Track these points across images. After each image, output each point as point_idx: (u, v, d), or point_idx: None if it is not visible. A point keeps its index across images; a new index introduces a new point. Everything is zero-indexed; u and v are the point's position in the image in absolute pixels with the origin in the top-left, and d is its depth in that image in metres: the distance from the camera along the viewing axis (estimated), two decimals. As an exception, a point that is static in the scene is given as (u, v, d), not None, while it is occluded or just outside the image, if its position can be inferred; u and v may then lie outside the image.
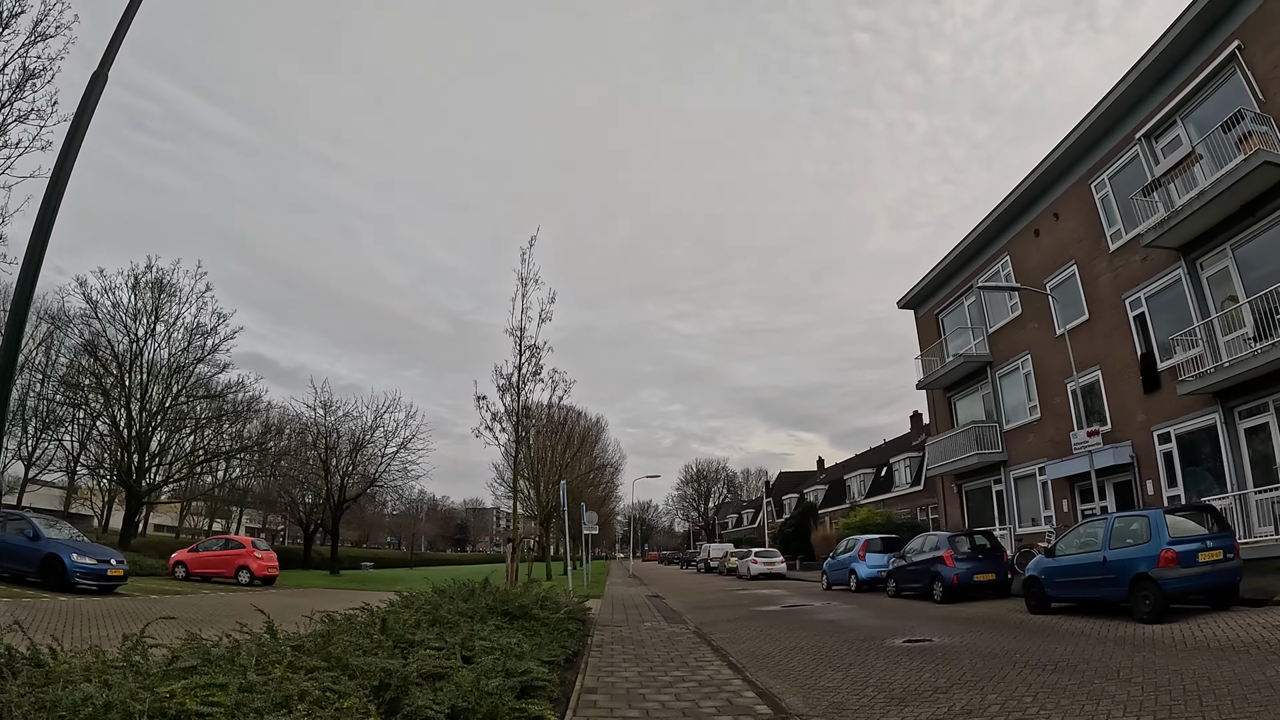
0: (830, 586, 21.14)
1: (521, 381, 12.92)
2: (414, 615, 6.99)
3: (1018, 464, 21.28)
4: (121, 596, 14.80)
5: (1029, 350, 21.15)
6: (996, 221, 22.54)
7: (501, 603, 9.05)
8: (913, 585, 16.13)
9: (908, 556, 16.62)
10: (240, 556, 22.15)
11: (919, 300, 27.14)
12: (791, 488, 63.67)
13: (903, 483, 37.64)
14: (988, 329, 23.04)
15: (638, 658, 8.54)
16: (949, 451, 23.19)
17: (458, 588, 10.06)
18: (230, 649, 4.49)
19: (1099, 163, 19.09)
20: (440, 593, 9.68)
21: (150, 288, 28.30)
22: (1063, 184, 20.39)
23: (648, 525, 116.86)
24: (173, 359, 28.67)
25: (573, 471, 32.61)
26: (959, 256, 24.44)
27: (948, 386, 24.89)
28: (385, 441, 33.77)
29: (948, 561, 14.78)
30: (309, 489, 34.93)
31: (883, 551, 19.46)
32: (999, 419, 22.12)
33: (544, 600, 9.49)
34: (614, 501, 52.72)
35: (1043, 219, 21.24)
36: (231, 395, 31.08)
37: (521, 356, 12.96)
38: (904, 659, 8.42)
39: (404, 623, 6.67)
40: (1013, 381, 21.91)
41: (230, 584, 21.63)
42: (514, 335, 13.07)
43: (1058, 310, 20.18)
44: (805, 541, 37.72)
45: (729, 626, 12.79)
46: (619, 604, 17.68)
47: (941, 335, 25.55)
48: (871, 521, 28.80)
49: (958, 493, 24.12)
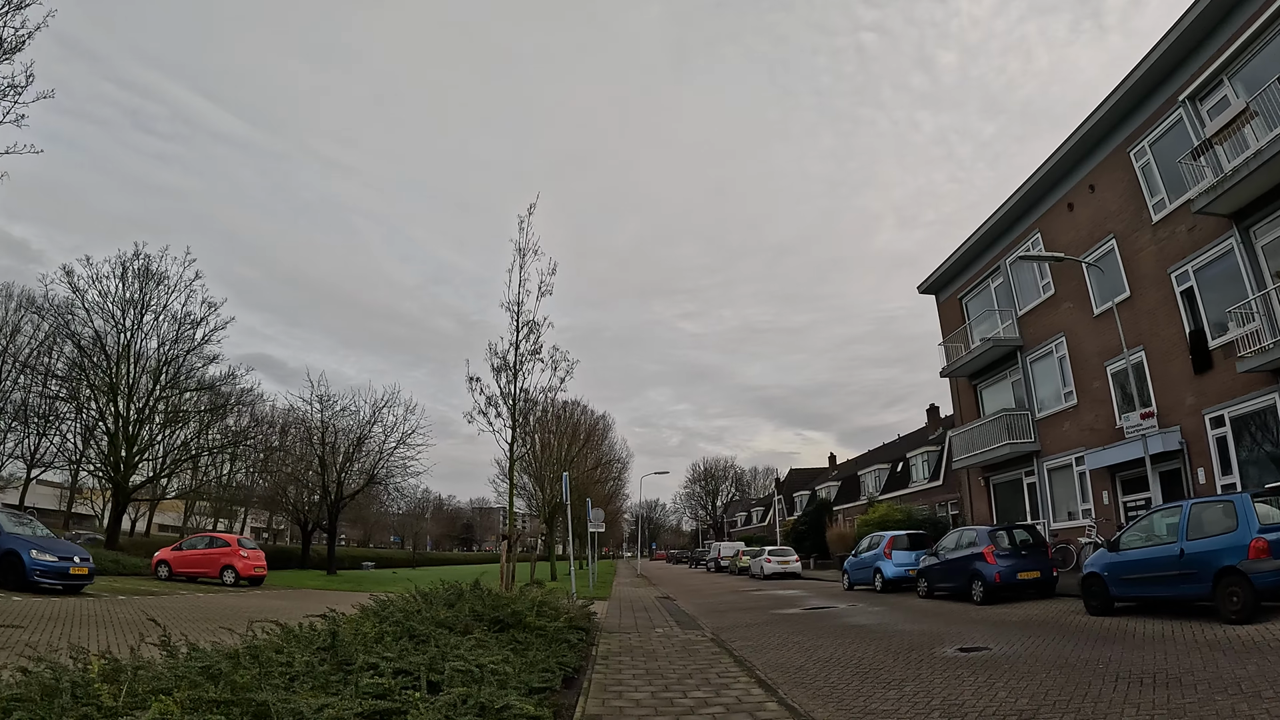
0: (852, 586, 19.81)
1: (519, 361, 11.67)
2: (378, 627, 5.72)
3: (1052, 454, 19.90)
4: (86, 597, 13.67)
5: (1064, 332, 19.77)
6: (1026, 197, 21.17)
7: (491, 609, 7.79)
8: (947, 585, 14.80)
9: (940, 554, 15.30)
10: (225, 555, 20.99)
11: (941, 284, 25.77)
12: (802, 485, 62.28)
13: (920, 478, 36.22)
14: (1017, 311, 21.66)
15: (650, 673, 7.26)
16: (976, 442, 21.82)
17: (442, 591, 8.81)
18: (80, 677, 3.23)
19: (1138, 129, 17.72)
20: (423, 596, 8.43)
21: (137, 276, 27.22)
22: (1099, 153, 19.02)
23: (655, 524, 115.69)
24: (161, 350, 27.57)
25: (579, 467, 31.35)
26: (984, 236, 23.06)
27: (973, 374, 23.52)
28: (384, 437, 32.61)
29: (988, 558, 13.44)
30: (305, 486, 33.76)
31: (909, 549, 18.14)
32: (1031, 407, 20.75)
33: (541, 606, 8.22)
34: (621, 499, 51.48)
35: (1077, 192, 19.87)
36: (222, 387, 29.91)
37: (519, 334, 11.74)
38: (964, 673, 7.12)
39: (363, 637, 5.41)
40: (1046, 366, 20.53)
41: (215, 584, 20.51)
42: (510, 310, 11.84)
43: (1095, 288, 18.85)
44: (820, 539, 36.38)
45: (750, 633, 11.50)
46: (627, 607, 16.40)
47: (966, 320, 24.19)
48: (891, 518, 27.46)
49: (985, 486, 22.74)
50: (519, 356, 11.72)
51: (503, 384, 11.65)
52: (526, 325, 11.77)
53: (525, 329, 11.78)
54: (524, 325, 11.79)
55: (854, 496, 43.96)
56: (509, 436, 11.65)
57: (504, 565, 10.32)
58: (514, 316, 11.83)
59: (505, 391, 11.62)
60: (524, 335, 11.77)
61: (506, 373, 11.67)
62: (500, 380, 11.67)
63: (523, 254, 12.18)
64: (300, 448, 34.74)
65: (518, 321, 11.80)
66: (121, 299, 27.22)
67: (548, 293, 11.99)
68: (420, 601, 7.60)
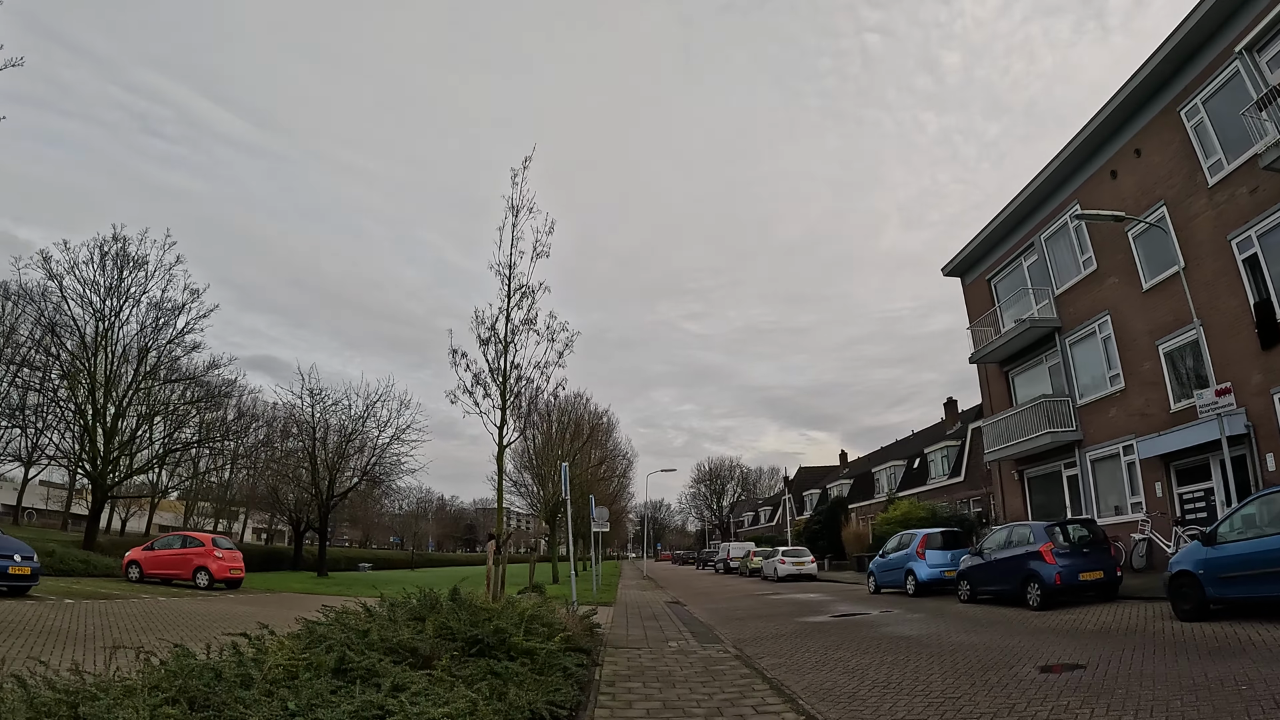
0: (879, 589, 18.18)
1: (510, 332, 10.10)
2: (294, 659, 4.13)
3: (1096, 443, 18.26)
4: (27, 600, 12.20)
5: (1108, 310, 18.14)
6: (1063, 167, 19.54)
7: (468, 626, 6.20)
8: (994, 588, 13.18)
9: (986, 553, 13.68)
10: (198, 556, 19.46)
11: (966, 266, 24.13)
12: (812, 483, 60.59)
13: (939, 474, 34.56)
14: (1054, 290, 20.03)
15: (669, 707, 5.68)
16: (1010, 433, 20.18)
17: (414, 601, 7.24)
18: None
19: (1190, 85, 16.14)
20: (383, 610, 6.86)
21: (114, 260, 25.75)
22: (1145, 115, 17.41)
23: (660, 524, 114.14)
24: (140, 338, 26.12)
25: (581, 464, 29.78)
26: (1016, 212, 21.43)
27: (1005, 360, 21.87)
28: (377, 432, 31.03)
29: (1047, 557, 11.82)
30: (296, 484, 32.28)
31: (943, 548, 16.52)
32: (1071, 393, 19.11)
33: (531, 621, 6.64)
34: (626, 499, 49.84)
35: (1120, 158, 18.25)
36: (205, 378, 28.41)
37: (510, 300, 10.18)
38: (1071, 702, 5.53)
39: (275, 672, 3.82)
40: (1088, 348, 18.89)
41: (187, 587, 19.06)
42: (500, 274, 10.29)
43: (1143, 260, 17.26)
44: (835, 539, 34.73)
45: (779, 647, 9.90)
46: (635, 613, 14.83)
47: (995, 303, 22.55)
48: (913, 515, 25.84)
49: (1018, 480, 21.10)
50: (510, 326, 10.16)
51: (491, 358, 10.10)
52: (519, 290, 10.22)
53: (518, 294, 10.23)
54: (516, 290, 10.23)
55: (868, 494, 42.31)
56: (498, 419, 10.08)
57: (491, 569, 8.75)
58: (504, 281, 10.27)
59: (494, 366, 10.06)
60: (516, 302, 10.23)
61: (496, 345, 10.10)
62: (488, 354, 10.11)
63: (516, 211, 10.63)
64: (290, 444, 33.22)
65: (509, 286, 10.25)
66: (99, 284, 25.82)
67: (544, 254, 10.43)
68: (371, 618, 6.01)
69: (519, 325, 10.14)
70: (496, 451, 9.97)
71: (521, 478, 30.55)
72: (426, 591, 7.81)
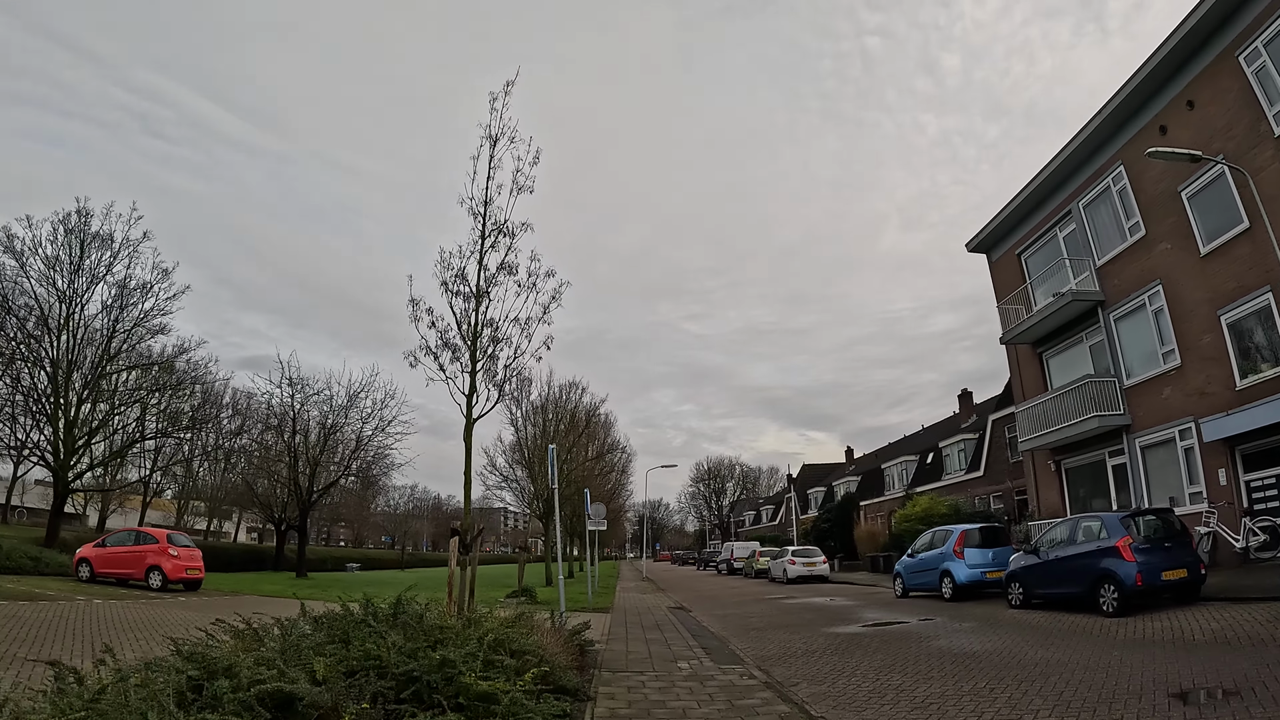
0: (907, 593, 16.33)
1: (484, 279, 8.21)
2: None
3: (1147, 428, 16.43)
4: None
5: (1159, 280, 16.31)
6: (1104, 126, 17.71)
7: (405, 657, 4.33)
8: (1056, 590, 11.34)
9: (1043, 551, 11.84)
10: (151, 554, 17.58)
11: (994, 240, 22.28)
12: (816, 481, 58.73)
13: (955, 469, 32.72)
14: (1095, 261, 18.19)
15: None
16: (1048, 419, 18.34)
17: (343, 618, 5.39)
18: None
19: (1248, 28, 14.39)
20: (314, 621, 5.02)
21: (75, 234, 23.90)
22: (1197, 63, 15.62)
23: (658, 524, 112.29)
24: (102, 317, 24.28)
25: (576, 458, 27.92)
26: (1049, 179, 19.60)
27: (1039, 340, 20.03)
28: (360, 424, 29.08)
29: (1124, 554, 9.99)
30: (275, 479, 30.38)
31: (982, 546, 14.68)
32: (1118, 372, 17.28)
33: (495, 647, 4.77)
34: (624, 497, 47.92)
35: (1170, 112, 16.43)
36: (173, 363, 26.50)
37: (485, 241, 8.29)
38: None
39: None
40: (1136, 323, 17.06)
41: (140, 588, 17.30)
42: (474, 211, 8.37)
43: (1199, 222, 15.44)
44: (846, 538, 32.83)
45: (813, 667, 8.05)
46: (635, 622, 12.98)
47: (1026, 279, 20.72)
48: (935, 511, 23.99)
49: (1055, 471, 19.25)
50: (483, 273, 8.26)
51: (459, 310, 8.21)
52: (495, 229, 8.33)
53: (494, 234, 8.34)
54: (492, 230, 8.34)
55: (878, 491, 40.47)
56: (466, 384, 8.19)
57: (454, 573, 6.90)
58: (478, 218, 8.38)
59: (462, 319, 8.18)
60: (492, 243, 8.33)
61: (465, 292, 8.21)
62: (455, 305, 8.21)
63: (494, 140, 8.74)
64: (269, 437, 31.28)
65: (484, 224, 8.35)
66: (62, 262, 23.98)
67: (527, 188, 8.53)
68: (259, 642, 4.14)
69: (495, 272, 8.26)
70: (465, 428, 8.10)
71: (513, 472, 28.66)
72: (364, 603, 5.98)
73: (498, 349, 8.28)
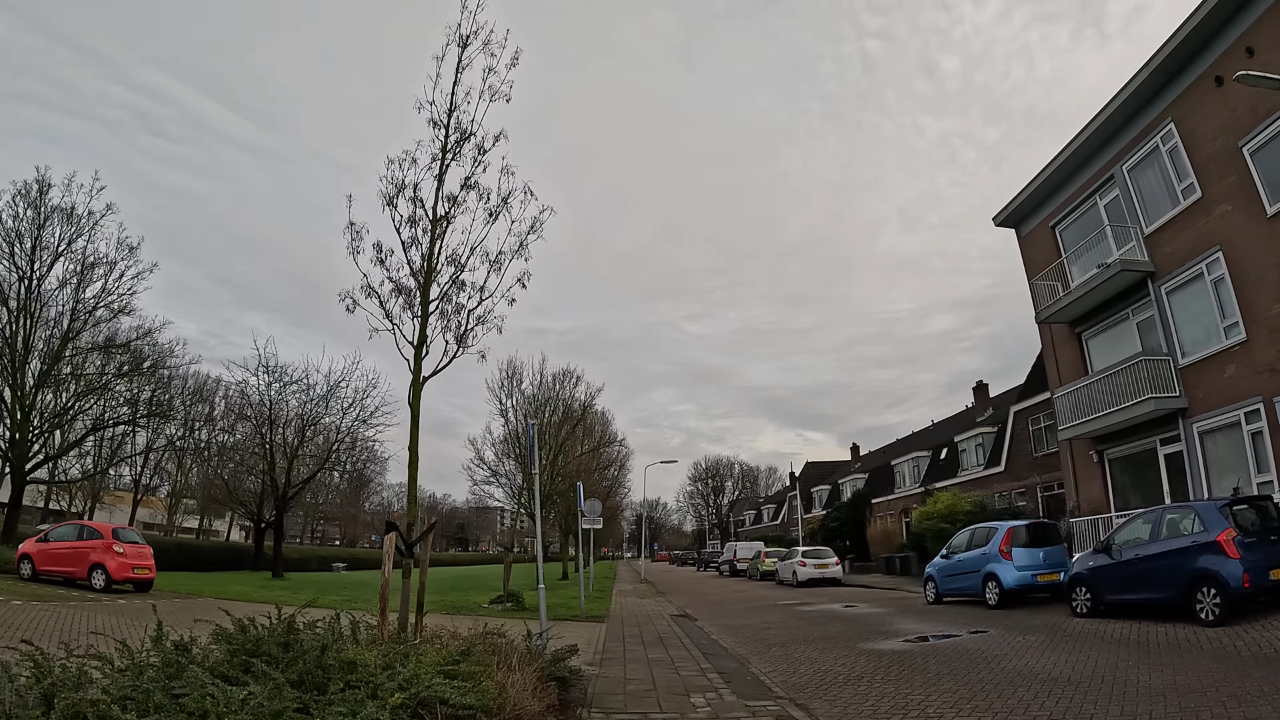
0: (941, 598, 14.53)
1: (444, 203, 6.38)
2: None
3: (1207, 411, 14.64)
4: None
5: (1219, 245, 14.54)
6: (1151, 80, 15.93)
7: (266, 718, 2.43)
8: (1136, 595, 9.55)
9: (1116, 550, 10.05)
10: (95, 551, 15.79)
11: (1024, 213, 20.49)
12: (820, 479, 56.87)
13: (973, 464, 30.90)
14: (1142, 229, 16.43)
15: None
16: (1093, 404, 16.55)
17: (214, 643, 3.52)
18: None
19: (1327, -39, 12.63)
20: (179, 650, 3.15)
21: (33, 206, 22.11)
22: (1256, 6, 13.89)
23: (656, 524, 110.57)
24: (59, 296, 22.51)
25: (569, 452, 26.11)
26: (1087, 143, 17.83)
27: (1078, 318, 18.24)
28: (341, 415, 27.18)
29: (1228, 549, 8.24)
30: (250, 473, 28.51)
31: (1030, 545, 12.88)
32: (1172, 350, 15.51)
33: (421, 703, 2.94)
34: (621, 494, 46.01)
35: (1226, 60, 14.65)
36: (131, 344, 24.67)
37: (447, 154, 6.50)
38: None
39: None
40: (1192, 295, 15.29)
41: (83, 588, 15.55)
42: (436, 119, 6.49)
43: (1264, 180, 13.67)
44: (859, 538, 31.03)
45: (868, 702, 6.27)
46: (634, 634, 11.18)
47: (1061, 252, 18.95)
48: (959, 509, 22.17)
49: (1098, 462, 17.46)
50: (442, 192, 6.43)
51: (405, 236, 6.37)
52: (458, 136, 6.48)
53: (455, 144, 6.49)
54: (455, 143, 6.50)
55: (887, 489, 38.65)
56: (414, 333, 6.37)
57: (387, 581, 5.10)
58: (439, 126, 6.53)
59: (410, 243, 6.33)
60: (453, 155, 6.49)
61: (420, 218, 6.38)
62: (404, 231, 6.37)
63: (464, 42, 6.92)
64: (243, 427, 29.42)
65: (446, 134, 6.52)
66: (21, 235, 22.20)
67: (502, 95, 6.71)
68: None
69: (457, 192, 6.43)
70: (411, 387, 6.28)
71: (503, 465, 26.83)
72: (277, 620, 4.23)
73: (457, 291, 6.47)
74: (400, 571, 5.72)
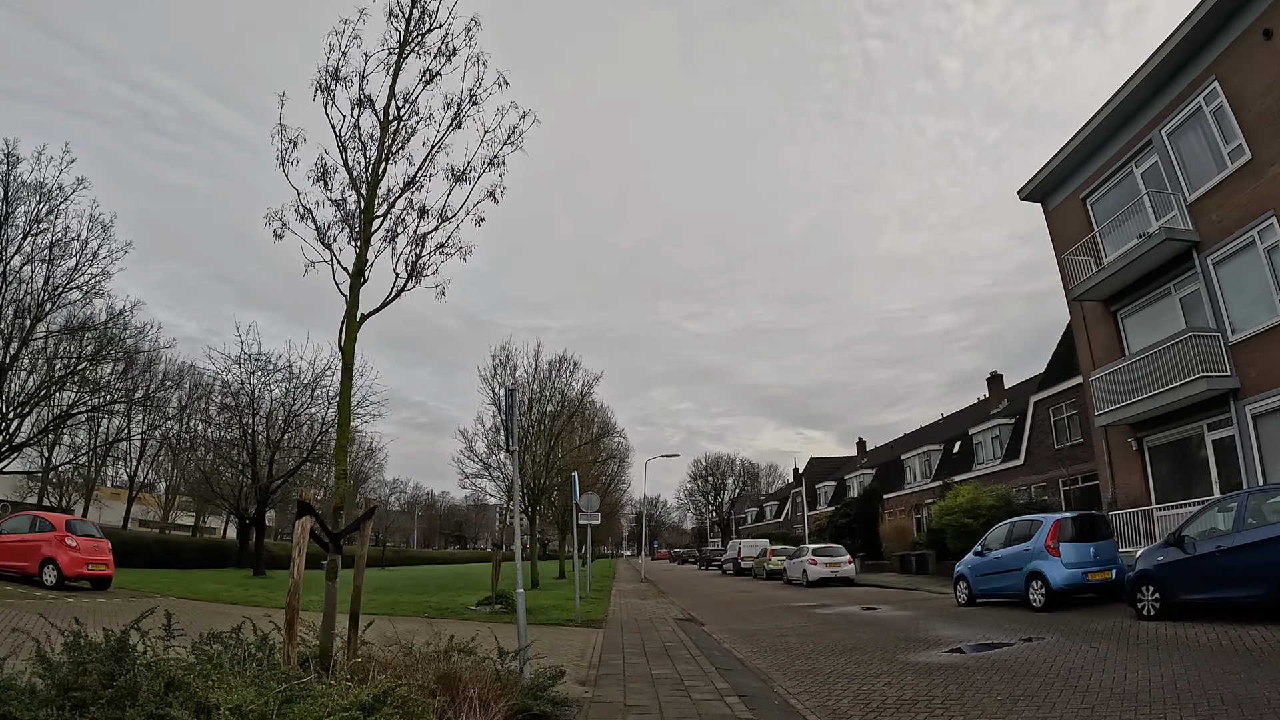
0: (974, 599, 13.22)
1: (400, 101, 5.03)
2: None
3: (1263, 391, 13.33)
4: None
5: (1272, 211, 13.22)
6: (1192, 36, 14.61)
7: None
8: (1220, 594, 8.22)
9: (1189, 544, 8.74)
10: (46, 545, 14.50)
11: (1052, 185, 19.16)
12: (825, 475, 55.58)
13: (989, 458, 29.61)
14: (1185, 197, 15.12)
15: None
16: (1134, 386, 15.24)
17: None
18: None
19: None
20: None
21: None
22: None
23: (656, 521, 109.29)
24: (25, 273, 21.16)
25: (566, 444, 24.80)
26: (1121, 108, 16.51)
27: (1113, 295, 16.92)
28: (326, 405, 25.79)
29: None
30: (231, 465, 27.17)
31: (1078, 539, 11.56)
32: (1221, 327, 14.20)
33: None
34: (620, 491, 44.68)
35: (1275, 11, 13.35)
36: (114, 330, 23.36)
37: (406, 45, 5.10)
38: None
39: None
40: (1243, 265, 13.97)
41: (34, 584, 14.30)
42: (392, 9, 5.14)
43: (1329, 140, 12.37)
44: (871, 535, 29.68)
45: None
46: (634, 643, 9.89)
47: (1093, 225, 17.64)
48: (981, 503, 20.87)
49: (1137, 450, 16.14)
50: (394, 89, 5.09)
51: (345, 130, 5.02)
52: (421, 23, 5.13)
53: (417, 32, 5.14)
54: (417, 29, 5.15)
55: (897, 484, 37.38)
56: (352, 261, 5.07)
57: (297, 581, 3.82)
58: (397, 12, 5.18)
59: (348, 138, 5.00)
60: (413, 44, 5.16)
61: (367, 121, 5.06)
62: (343, 131, 5.03)
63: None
64: (224, 418, 28.06)
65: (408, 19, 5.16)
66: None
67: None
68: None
69: (415, 88, 5.09)
70: (344, 325, 4.99)
71: (494, 458, 25.51)
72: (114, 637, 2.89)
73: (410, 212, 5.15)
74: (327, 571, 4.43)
